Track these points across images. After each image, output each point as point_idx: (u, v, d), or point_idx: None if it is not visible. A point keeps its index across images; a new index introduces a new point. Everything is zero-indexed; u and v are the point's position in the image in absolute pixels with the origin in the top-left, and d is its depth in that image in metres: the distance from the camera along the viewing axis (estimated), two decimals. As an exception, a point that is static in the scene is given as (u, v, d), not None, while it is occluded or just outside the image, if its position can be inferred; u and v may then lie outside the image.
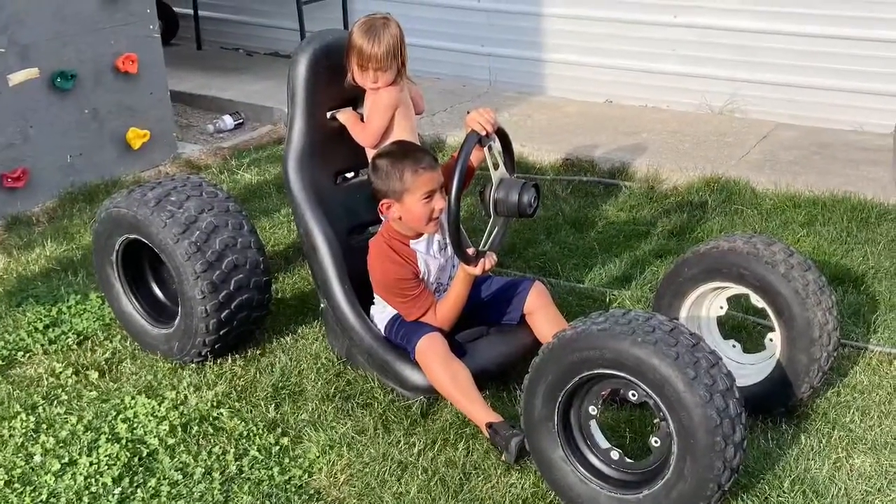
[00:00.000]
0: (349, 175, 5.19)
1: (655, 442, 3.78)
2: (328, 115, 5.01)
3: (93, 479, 4.30)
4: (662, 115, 8.68)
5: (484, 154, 4.33)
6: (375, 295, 4.79)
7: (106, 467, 4.36)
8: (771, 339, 4.49)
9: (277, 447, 4.45)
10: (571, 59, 9.34)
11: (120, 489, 4.23)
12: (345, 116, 5.02)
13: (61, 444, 4.55)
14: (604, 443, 3.97)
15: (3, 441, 4.60)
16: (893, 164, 6.96)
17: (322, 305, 5.00)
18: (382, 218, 4.64)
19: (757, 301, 4.44)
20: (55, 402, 4.87)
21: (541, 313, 4.71)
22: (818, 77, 8.13)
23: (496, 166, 4.32)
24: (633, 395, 3.76)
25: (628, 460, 3.93)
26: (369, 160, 4.72)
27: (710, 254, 4.51)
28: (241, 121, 9.19)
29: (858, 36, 7.85)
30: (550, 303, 4.77)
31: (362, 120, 5.02)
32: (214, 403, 4.77)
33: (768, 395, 4.41)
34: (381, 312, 4.79)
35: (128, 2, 7.59)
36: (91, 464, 4.38)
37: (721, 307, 4.69)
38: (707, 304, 4.69)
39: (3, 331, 5.51)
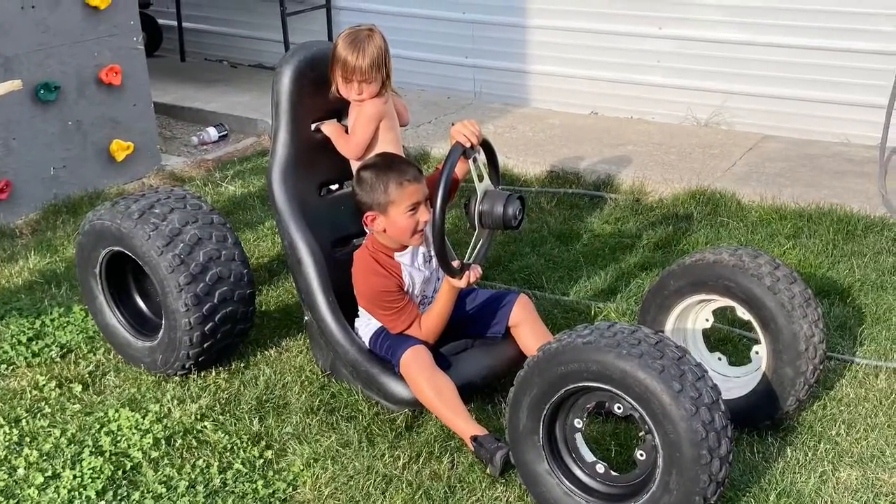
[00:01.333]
0: (334, 187, 5.17)
1: (641, 455, 3.77)
2: (313, 127, 5.00)
3: (76, 493, 4.27)
4: (648, 127, 8.69)
5: (469, 166, 4.32)
6: (360, 307, 4.78)
7: (89, 480, 4.33)
8: (757, 352, 4.48)
9: (261, 460, 4.44)
10: (556, 71, 9.35)
11: (104, 502, 4.21)
12: (329, 128, 5.01)
13: (45, 458, 4.52)
14: (589, 456, 3.96)
15: (-14, 455, 4.59)
16: (879, 177, 6.97)
17: (306, 318, 4.98)
18: (367, 230, 4.63)
19: (743, 314, 4.44)
20: (38, 415, 4.85)
21: (526, 326, 4.70)
22: (804, 89, 8.15)
23: (481, 178, 4.32)
24: (619, 408, 3.75)
25: (614, 473, 3.92)
26: (354, 172, 4.71)
27: (696, 266, 4.51)
28: (225, 133, 9.17)
29: (845, 48, 7.87)
30: (535, 316, 4.76)
31: (347, 132, 5.01)
32: (198, 416, 4.75)
33: (754, 407, 4.40)
34: (366, 325, 4.77)
35: (112, 14, 7.57)
36: (74, 477, 4.36)
37: (707, 320, 4.68)
38: (693, 317, 4.68)
39: (-14, 344, 5.49)
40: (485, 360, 4.71)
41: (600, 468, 3.92)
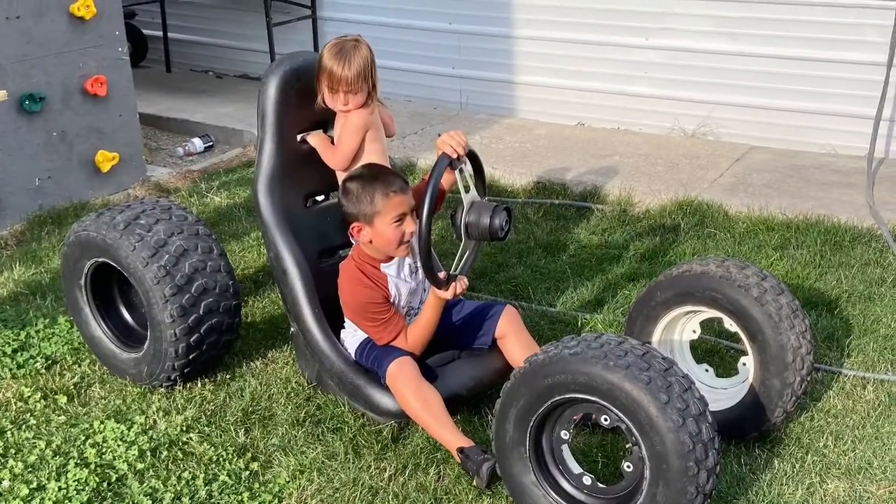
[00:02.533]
0: (319, 198, 5.16)
1: (628, 467, 3.76)
2: (298, 137, 4.98)
3: (61, 505, 4.26)
4: (634, 138, 8.69)
5: (455, 177, 4.31)
6: (346, 319, 4.76)
7: (75, 492, 4.31)
8: (744, 364, 4.48)
9: (247, 472, 4.42)
10: (543, 82, 9.35)
11: (88, 515, 4.20)
12: (315, 139, 4.99)
13: (30, 469, 4.49)
14: (576, 468, 3.95)
15: (-31, 467, 4.56)
16: (867, 188, 6.98)
17: (292, 329, 4.97)
18: (353, 241, 4.61)
19: (730, 325, 4.43)
20: (23, 426, 4.82)
21: (512, 337, 4.69)
22: (792, 100, 8.17)
23: (467, 189, 4.31)
24: (606, 419, 3.73)
25: (601, 485, 3.90)
26: (340, 183, 4.70)
27: (683, 277, 4.50)
28: (210, 143, 9.16)
29: (832, 58, 7.89)
30: (522, 327, 4.75)
31: (333, 143, 4.99)
32: (184, 428, 4.73)
33: (741, 419, 4.40)
34: (352, 336, 4.76)
35: (97, 24, 7.55)
36: (60, 489, 4.33)
37: (694, 331, 4.68)
38: (680, 328, 4.67)
39: (-30, 355, 5.46)
40: (471, 371, 4.69)
41: (587, 480, 3.91)
